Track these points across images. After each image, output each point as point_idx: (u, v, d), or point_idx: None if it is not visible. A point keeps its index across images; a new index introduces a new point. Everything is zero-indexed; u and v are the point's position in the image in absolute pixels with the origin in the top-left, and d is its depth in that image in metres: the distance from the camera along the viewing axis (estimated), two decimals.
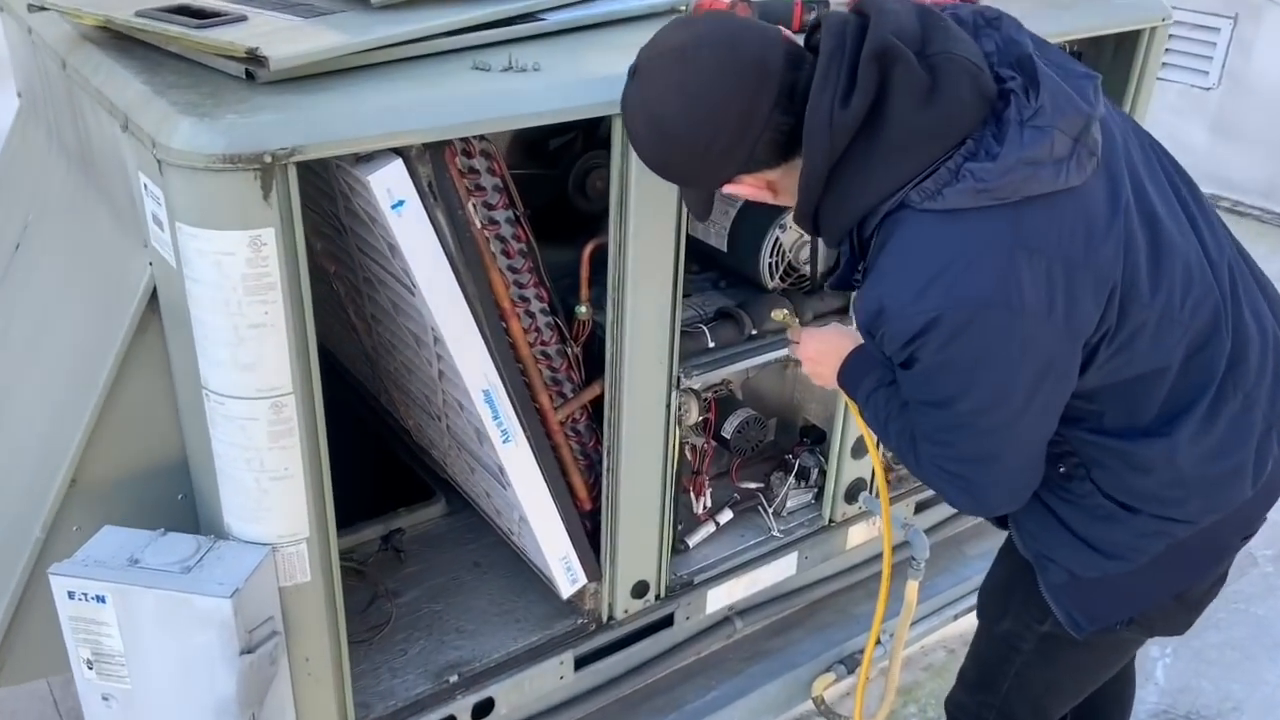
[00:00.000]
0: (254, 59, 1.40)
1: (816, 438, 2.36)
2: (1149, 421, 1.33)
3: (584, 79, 1.58)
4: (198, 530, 1.69)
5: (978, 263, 1.16)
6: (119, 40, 1.62)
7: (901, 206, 1.19)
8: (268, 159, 1.31)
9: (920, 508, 2.48)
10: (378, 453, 2.47)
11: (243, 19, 1.55)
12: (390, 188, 1.44)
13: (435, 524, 2.26)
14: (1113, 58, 2.31)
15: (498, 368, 1.66)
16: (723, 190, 1.33)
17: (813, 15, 1.79)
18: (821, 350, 1.64)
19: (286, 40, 1.46)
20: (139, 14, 1.56)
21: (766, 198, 1.35)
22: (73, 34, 1.70)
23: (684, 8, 1.87)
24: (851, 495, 2.29)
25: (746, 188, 1.32)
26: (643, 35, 1.78)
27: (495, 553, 2.18)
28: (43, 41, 1.78)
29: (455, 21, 1.63)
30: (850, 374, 1.54)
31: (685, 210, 1.71)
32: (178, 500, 1.71)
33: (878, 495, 2.31)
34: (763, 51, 1.22)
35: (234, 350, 1.41)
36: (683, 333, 1.85)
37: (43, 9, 1.69)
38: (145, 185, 1.43)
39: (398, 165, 1.44)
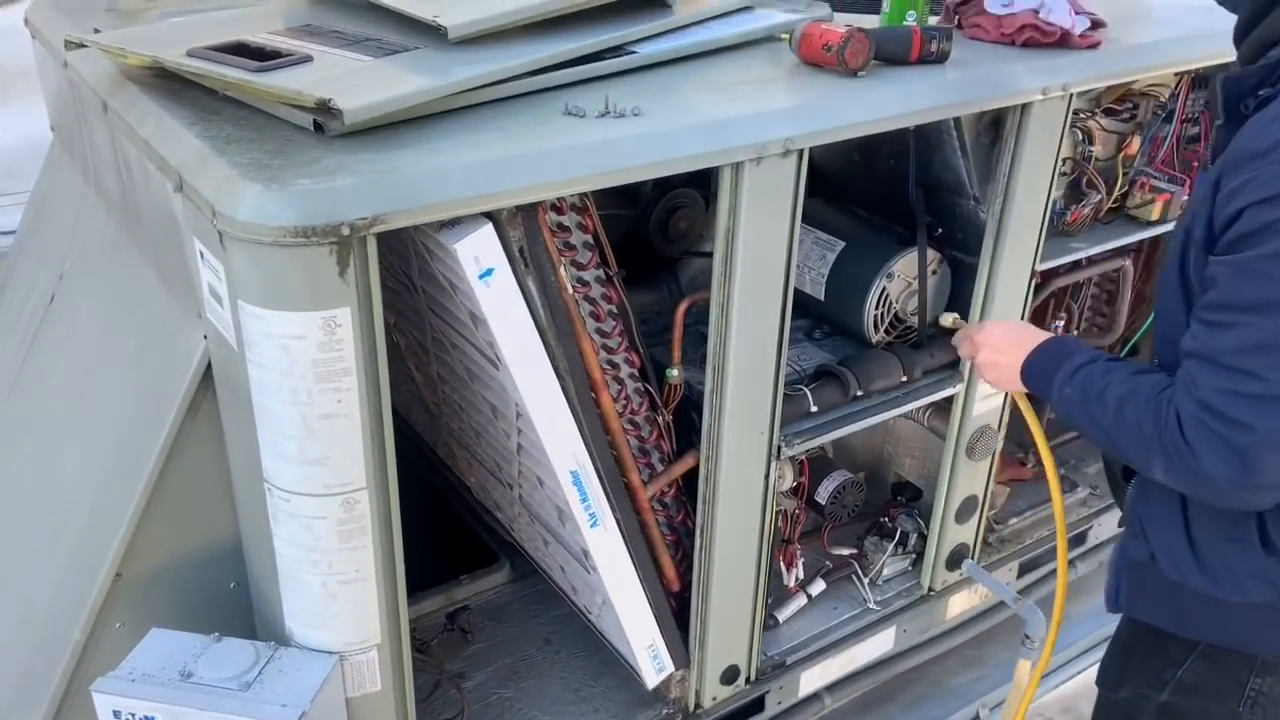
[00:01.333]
0: (325, 110, 1.22)
1: (911, 495, 2.16)
2: None
3: (689, 125, 1.39)
4: (252, 624, 1.53)
5: None
6: (167, 80, 1.45)
7: None
8: (345, 231, 1.13)
9: (1024, 570, 2.29)
10: (434, 506, 2.30)
11: (308, 59, 1.37)
12: (479, 255, 1.26)
13: (500, 592, 2.08)
14: None
15: (588, 448, 1.48)
16: None
17: (934, 45, 1.62)
18: (1007, 339, 1.43)
19: (359, 87, 1.28)
20: (191, 54, 1.38)
21: None
22: (114, 71, 1.53)
23: (784, 36, 1.69)
24: (954, 562, 2.10)
25: None
26: (738, 67, 1.62)
27: (567, 626, 2.00)
28: (81, 78, 1.61)
29: (541, 59, 1.45)
30: (1044, 360, 1.36)
31: (792, 263, 1.52)
32: (230, 589, 1.54)
33: (979, 560, 2.13)
34: None
35: (302, 443, 1.23)
36: (784, 396, 1.66)
37: (81, 45, 1.52)
38: (202, 253, 1.26)
39: (488, 231, 1.26)
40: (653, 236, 1.95)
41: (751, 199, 1.43)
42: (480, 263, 1.27)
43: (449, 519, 2.25)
